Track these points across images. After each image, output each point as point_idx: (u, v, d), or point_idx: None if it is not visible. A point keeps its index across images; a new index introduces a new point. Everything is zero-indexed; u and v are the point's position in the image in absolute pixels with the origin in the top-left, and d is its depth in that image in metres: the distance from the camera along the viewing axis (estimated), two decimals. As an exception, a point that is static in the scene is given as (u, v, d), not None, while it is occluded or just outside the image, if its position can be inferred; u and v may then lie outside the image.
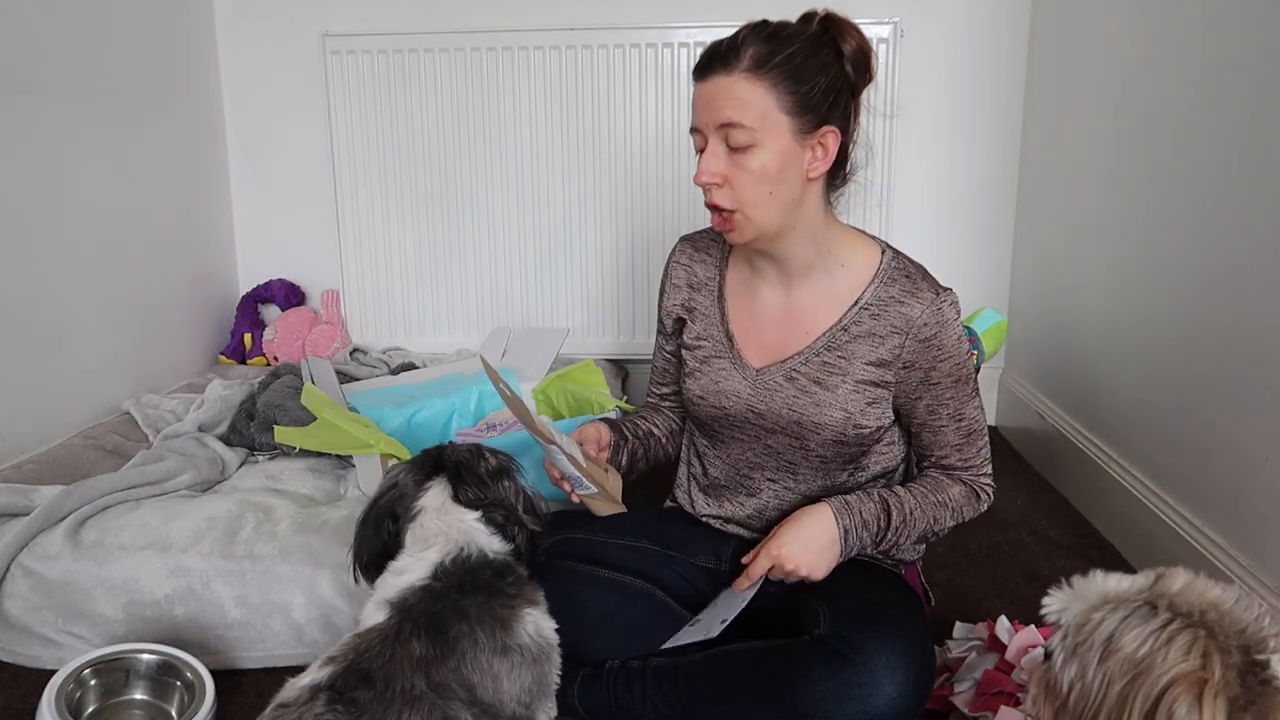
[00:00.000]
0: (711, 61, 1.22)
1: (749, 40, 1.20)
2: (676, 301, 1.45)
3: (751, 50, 1.19)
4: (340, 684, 0.96)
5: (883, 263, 1.32)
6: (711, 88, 1.21)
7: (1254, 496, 1.50)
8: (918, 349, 1.28)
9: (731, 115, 1.19)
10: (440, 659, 1.00)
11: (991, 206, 2.61)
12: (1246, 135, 1.53)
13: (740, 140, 1.20)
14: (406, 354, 2.62)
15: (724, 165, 1.22)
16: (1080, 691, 0.83)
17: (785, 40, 1.20)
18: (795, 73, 1.19)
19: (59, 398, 2.05)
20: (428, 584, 1.08)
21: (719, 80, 1.20)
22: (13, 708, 1.41)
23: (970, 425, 1.35)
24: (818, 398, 1.31)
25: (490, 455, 1.22)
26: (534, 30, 2.51)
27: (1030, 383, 2.51)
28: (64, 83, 2.05)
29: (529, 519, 1.20)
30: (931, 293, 1.28)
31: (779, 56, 1.19)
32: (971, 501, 1.36)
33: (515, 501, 1.20)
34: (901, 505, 1.30)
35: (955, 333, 1.29)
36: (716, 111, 1.21)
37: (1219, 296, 1.61)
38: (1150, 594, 0.84)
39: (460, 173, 2.62)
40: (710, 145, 1.23)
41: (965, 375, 1.32)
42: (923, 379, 1.29)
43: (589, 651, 1.33)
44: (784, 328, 1.35)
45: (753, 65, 1.19)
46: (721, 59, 1.21)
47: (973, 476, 1.37)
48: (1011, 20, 2.49)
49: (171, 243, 2.48)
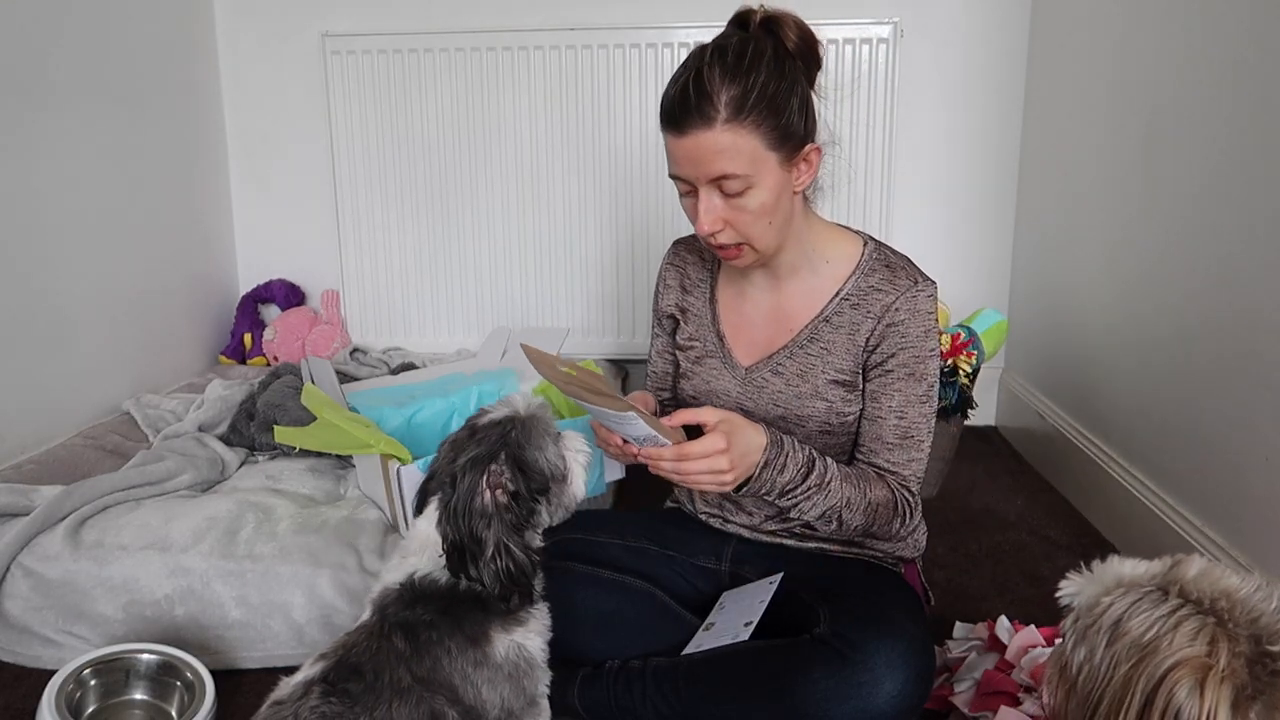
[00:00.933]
0: (686, 115, 1.17)
1: (717, 82, 1.16)
2: (670, 302, 1.47)
3: (725, 96, 1.15)
4: (333, 677, 0.99)
5: (864, 254, 1.33)
6: (693, 144, 1.17)
7: (1254, 496, 1.50)
8: (883, 331, 1.28)
9: (723, 168, 1.17)
10: (417, 657, 1.02)
11: (991, 206, 2.61)
12: (1246, 135, 1.53)
13: (735, 187, 1.19)
14: (406, 354, 2.62)
15: (722, 211, 1.21)
16: (1088, 673, 0.83)
17: (750, 70, 1.17)
18: (771, 105, 1.17)
19: (59, 398, 2.05)
20: (399, 590, 1.08)
21: (700, 136, 1.17)
22: (13, 708, 1.41)
23: (909, 428, 1.29)
24: (800, 389, 1.32)
25: (490, 494, 1.06)
26: (534, 30, 2.52)
27: (1030, 383, 2.51)
28: (64, 83, 2.05)
29: (491, 569, 1.04)
30: (909, 281, 1.29)
31: (753, 95, 1.16)
32: (889, 511, 1.28)
33: (480, 548, 1.04)
34: (824, 473, 1.24)
35: (924, 325, 1.28)
36: (705, 167, 1.18)
37: (1219, 296, 1.61)
38: (1163, 580, 0.83)
39: (460, 173, 2.62)
40: (704, 196, 1.20)
41: (921, 373, 1.29)
42: (879, 362, 1.29)
43: (589, 651, 1.33)
44: (771, 325, 1.36)
45: (732, 114, 1.15)
46: (697, 111, 1.16)
47: (898, 484, 1.30)
48: (1011, 20, 2.49)
49: (171, 243, 2.48)
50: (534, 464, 1.10)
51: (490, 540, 1.04)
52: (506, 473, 1.08)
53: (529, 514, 1.11)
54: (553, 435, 1.14)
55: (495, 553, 1.04)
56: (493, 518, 1.05)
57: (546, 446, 1.12)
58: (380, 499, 1.67)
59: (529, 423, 1.12)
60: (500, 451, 1.08)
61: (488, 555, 1.04)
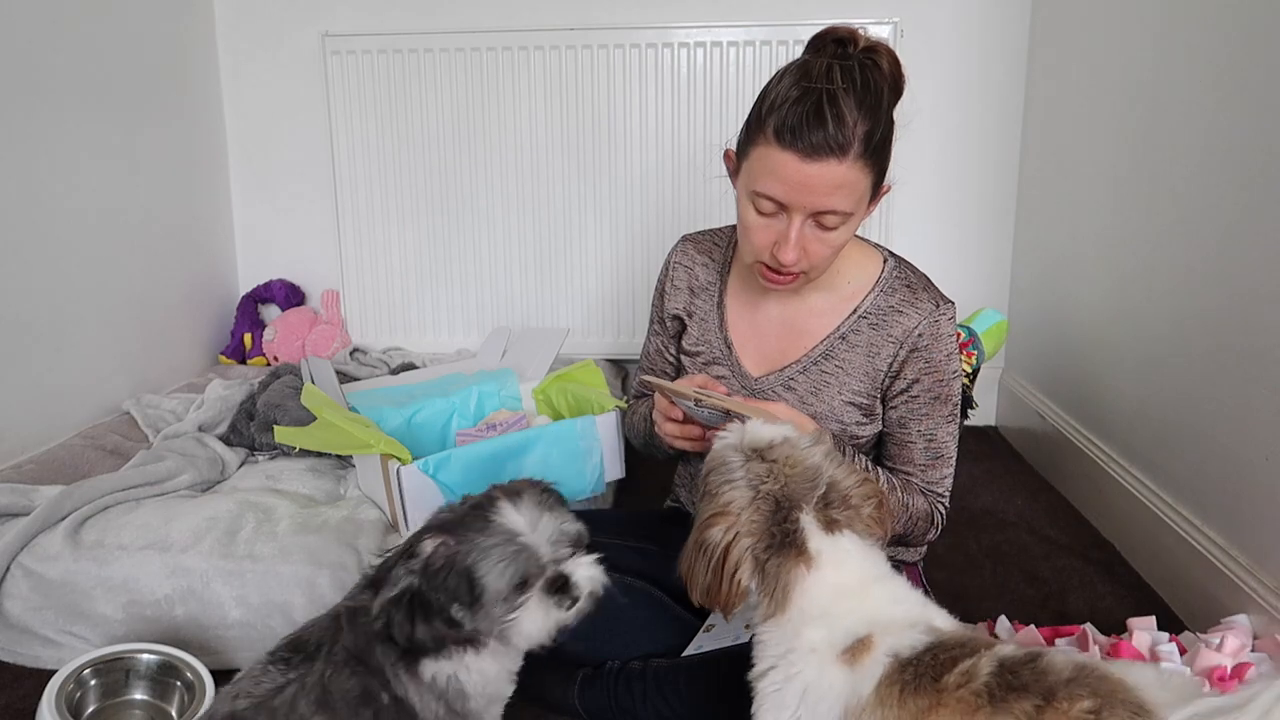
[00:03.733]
0: (822, 140, 1.11)
1: (854, 113, 1.12)
2: (678, 304, 1.45)
3: (860, 130, 1.12)
4: (282, 652, 1.04)
5: (884, 271, 1.32)
6: (818, 173, 1.12)
7: (1254, 496, 1.50)
8: (906, 357, 1.27)
9: (836, 204, 1.14)
10: (353, 636, 1.03)
11: (991, 207, 2.61)
12: (1246, 135, 1.52)
13: (833, 223, 1.16)
14: (406, 354, 2.62)
15: (808, 243, 1.18)
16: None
17: (877, 106, 1.14)
18: (884, 146, 1.15)
19: (59, 398, 2.05)
20: (362, 577, 1.12)
21: (829, 166, 1.12)
22: (13, 708, 1.41)
23: (939, 449, 1.31)
24: (814, 408, 1.30)
25: (412, 563, 1.00)
26: (534, 30, 2.51)
27: (1030, 383, 2.51)
28: (64, 83, 2.05)
29: (382, 602, 1.00)
30: (931, 304, 1.28)
31: (878, 134, 1.13)
32: (926, 523, 1.31)
33: (389, 584, 1.00)
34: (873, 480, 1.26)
35: (947, 349, 1.28)
36: (819, 198, 1.14)
37: (1218, 296, 1.61)
38: (757, 443, 0.97)
39: (460, 173, 2.62)
40: (796, 225, 1.17)
41: (946, 395, 1.29)
42: (904, 388, 1.29)
43: (589, 651, 1.33)
44: (785, 338, 1.35)
45: (861, 150, 1.12)
46: (835, 140, 1.11)
47: (936, 499, 1.32)
48: (1011, 20, 2.49)
49: (171, 243, 2.48)
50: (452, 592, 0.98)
51: (399, 583, 0.99)
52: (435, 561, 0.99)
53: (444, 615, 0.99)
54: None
55: (399, 596, 0.98)
56: (421, 573, 0.99)
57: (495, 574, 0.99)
58: (380, 499, 1.67)
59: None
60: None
61: (388, 594, 0.98)
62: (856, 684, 0.85)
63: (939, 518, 1.33)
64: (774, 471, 0.95)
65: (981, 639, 0.87)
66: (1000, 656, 0.82)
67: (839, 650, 0.88)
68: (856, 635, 0.88)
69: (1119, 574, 1.81)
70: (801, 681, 0.89)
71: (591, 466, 1.70)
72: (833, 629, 0.90)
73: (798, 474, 0.95)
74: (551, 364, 2.11)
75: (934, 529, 1.33)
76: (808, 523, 0.93)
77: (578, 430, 1.68)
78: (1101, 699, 0.75)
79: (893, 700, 0.82)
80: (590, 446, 1.70)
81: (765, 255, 1.21)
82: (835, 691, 0.86)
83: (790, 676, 0.90)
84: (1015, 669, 0.80)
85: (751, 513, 0.93)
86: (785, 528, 0.93)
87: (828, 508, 0.94)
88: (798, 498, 0.94)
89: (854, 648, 0.87)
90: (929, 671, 0.83)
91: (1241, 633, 1.41)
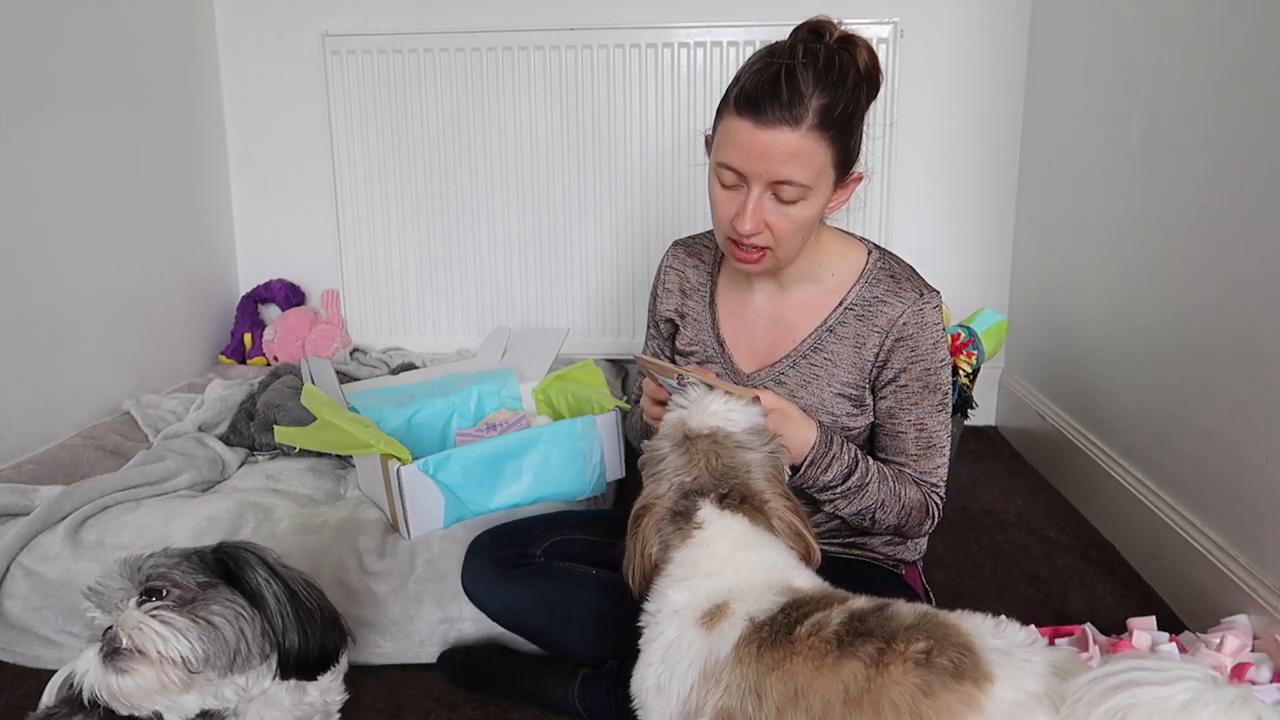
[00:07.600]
0: (773, 108, 1.14)
1: (811, 85, 1.14)
2: (670, 307, 1.46)
3: (816, 102, 1.13)
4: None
5: (868, 263, 1.32)
6: (771, 139, 1.14)
7: (1254, 496, 1.50)
8: (892, 347, 1.28)
9: (792, 174, 1.15)
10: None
11: (991, 206, 2.61)
12: (1246, 135, 1.53)
13: (791, 195, 1.17)
14: (406, 354, 2.62)
15: (767, 214, 1.19)
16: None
17: (839, 84, 1.15)
18: (847, 124, 1.16)
19: (59, 398, 2.05)
20: None
21: (782, 134, 1.14)
22: (13, 708, 1.41)
23: (930, 438, 1.31)
24: (805, 401, 1.31)
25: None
26: (534, 30, 2.51)
27: (1030, 383, 2.51)
28: (64, 83, 2.05)
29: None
30: (915, 293, 1.28)
31: (838, 110, 1.14)
32: (921, 513, 1.31)
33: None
34: (864, 474, 1.27)
35: (932, 337, 1.28)
36: (774, 167, 1.15)
37: (1219, 296, 1.61)
38: (695, 436, 1.04)
39: (460, 173, 2.62)
40: (755, 195, 1.18)
41: (935, 384, 1.29)
42: (891, 378, 1.29)
43: (589, 651, 1.33)
44: (774, 332, 1.35)
45: (817, 122, 1.14)
46: (787, 109, 1.13)
47: (930, 488, 1.33)
48: (1011, 20, 2.49)
49: (171, 243, 2.48)
50: None
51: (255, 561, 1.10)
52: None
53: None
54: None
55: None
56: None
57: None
58: (380, 499, 1.67)
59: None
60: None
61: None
62: (714, 645, 0.91)
63: (934, 508, 1.33)
64: (692, 463, 1.02)
65: (837, 594, 0.94)
66: (851, 609, 0.88)
67: (699, 614, 0.94)
68: (715, 601, 0.94)
69: (1119, 574, 1.81)
70: (664, 641, 0.96)
71: (591, 466, 1.71)
72: (695, 592, 0.96)
73: (713, 468, 1.02)
74: (551, 364, 2.11)
75: (930, 520, 1.33)
76: (704, 503, 1.01)
77: (578, 430, 1.68)
78: (935, 641, 0.81)
79: (750, 657, 0.88)
80: (590, 446, 1.70)
81: (729, 229, 1.22)
82: (693, 651, 0.93)
83: (654, 635, 0.97)
84: (863, 618, 0.86)
85: (665, 499, 1.02)
86: (684, 504, 1.01)
87: (725, 498, 1.01)
88: (706, 489, 1.01)
89: (712, 612, 0.94)
90: (783, 627, 0.89)
91: (1241, 633, 1.41)
